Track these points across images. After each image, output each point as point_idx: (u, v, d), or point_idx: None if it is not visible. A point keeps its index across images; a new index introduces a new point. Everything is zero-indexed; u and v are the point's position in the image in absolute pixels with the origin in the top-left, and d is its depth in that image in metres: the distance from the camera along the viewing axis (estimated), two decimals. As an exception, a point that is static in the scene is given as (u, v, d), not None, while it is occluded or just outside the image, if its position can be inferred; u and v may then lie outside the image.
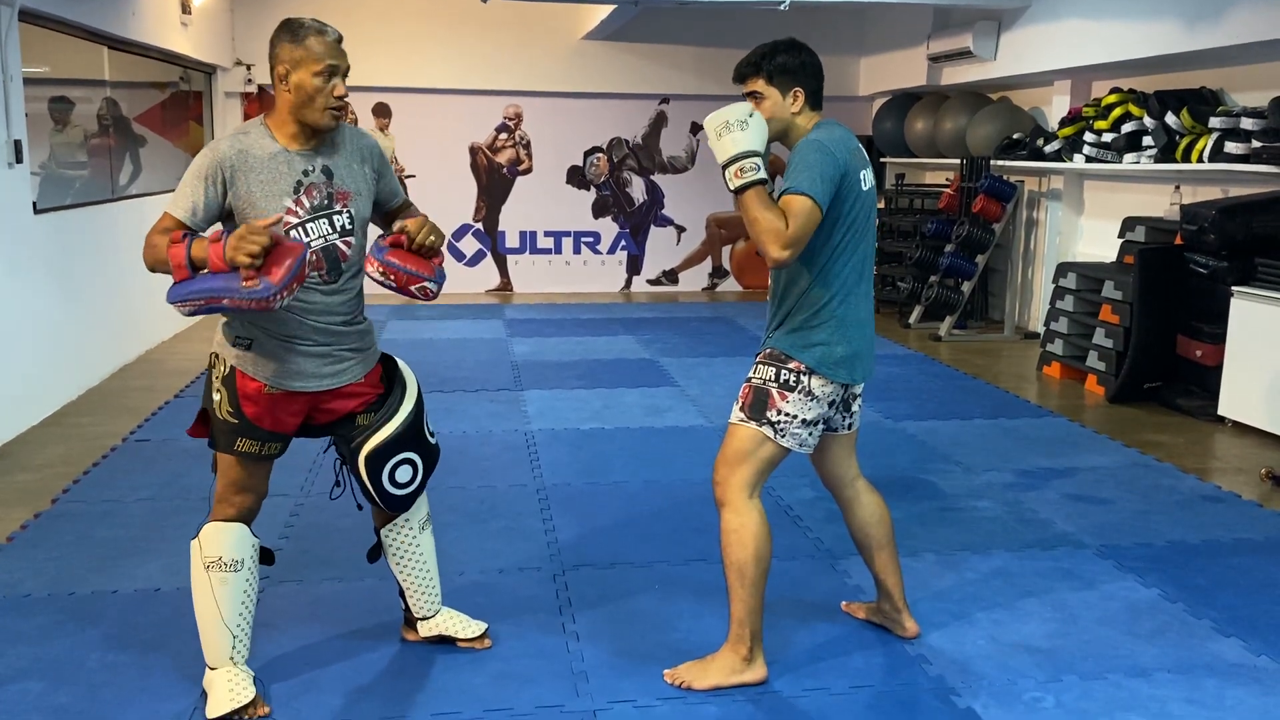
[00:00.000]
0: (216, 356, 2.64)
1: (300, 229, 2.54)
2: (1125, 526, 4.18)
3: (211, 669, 2.73)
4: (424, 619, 3.06)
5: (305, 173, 2.56)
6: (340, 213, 2.61)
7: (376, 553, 3.03)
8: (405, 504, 2.83)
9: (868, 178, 2.79)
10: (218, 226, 2.49)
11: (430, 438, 2.87)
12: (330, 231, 2.59)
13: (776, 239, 2.58)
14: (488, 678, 2.92)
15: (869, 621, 3.27)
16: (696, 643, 3.11)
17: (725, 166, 2.64)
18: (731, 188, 2.63)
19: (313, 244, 2.55)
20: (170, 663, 2.96)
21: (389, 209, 2.83)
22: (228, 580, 2.65)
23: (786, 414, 2.77)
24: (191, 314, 2.41)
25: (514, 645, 3.11)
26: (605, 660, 3.02)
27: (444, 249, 2.87)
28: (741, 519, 2.78)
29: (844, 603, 3.38)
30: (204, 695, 2.75)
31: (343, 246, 2.62)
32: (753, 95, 2.78)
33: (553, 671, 2.96)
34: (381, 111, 10.25)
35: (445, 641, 3.08)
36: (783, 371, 2.78)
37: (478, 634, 3.06)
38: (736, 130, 2.63)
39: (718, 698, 2.82)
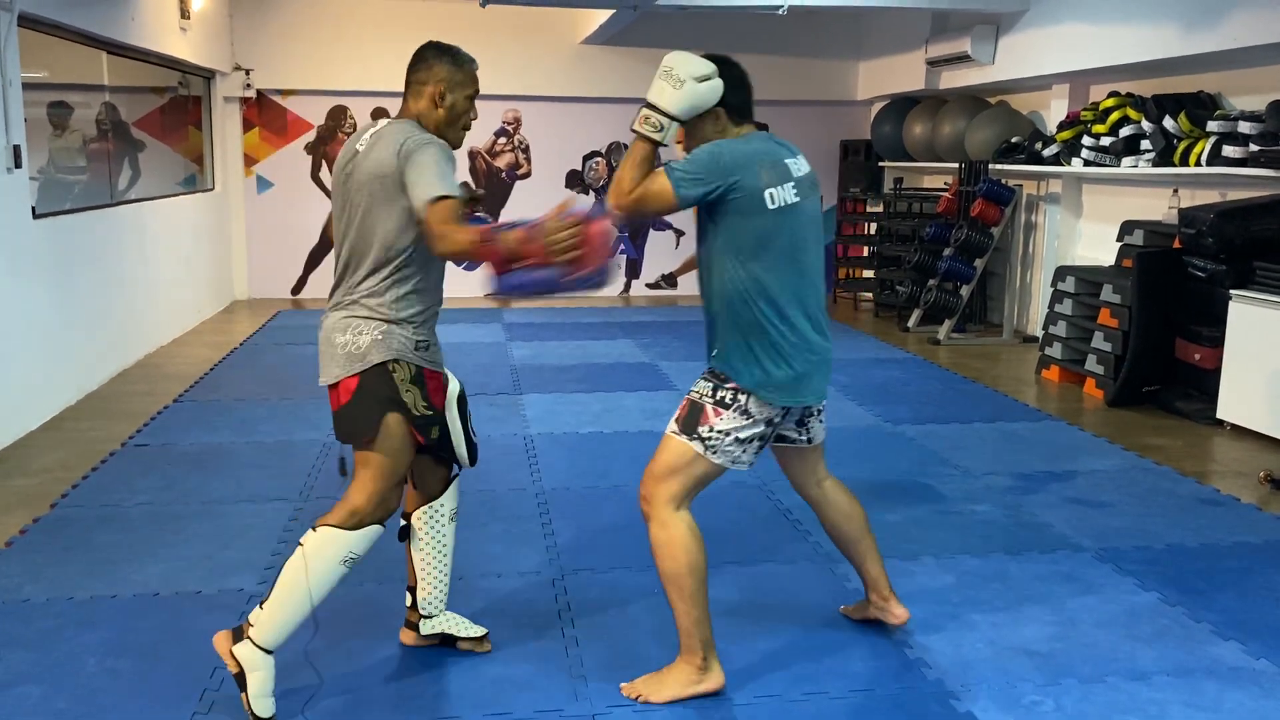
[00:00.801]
0: (396, 363, 2.67)
1: None
2: (1124, 530, 4.18)
3: (266, 651, 2.65)
4: (427, 617, 3.06)
5: None
6: None
7: (405, 534, 3.03)
8: (476, 455, 3.00)
9: (784, 196, 2.66)
10: (515, 225, 2.51)
11: None
12: None
13: (618, 193, 2.63)
14: (487, 682, 2.92)
15: (865, 619, 3.27)
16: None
17: (644, 107, 2.67)
18: (633, 128, 2.68)
19: None
20: (169, 668, 2.96)
21: None
22: (346, 576, 2.72)
23: (719, 431, 2.73)
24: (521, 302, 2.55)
25: (513, 649, 3.10)
26: (604, 664, 3.02)
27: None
28: (668, 532, 2.74)
29: (842, 606, 3.38)
30: (238, 675, 2.65)
31: None
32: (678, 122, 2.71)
33: (552, 676, 2.96)
34: (380, 115, 10.25)
35: (446, 643, 3.07)
36: (720, 389, 2.75)
37: (479, 635, 3.07)
38: (672, 86, 2.64)
39: (715, 703, 2.82)
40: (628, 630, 3.25)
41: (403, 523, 3.02)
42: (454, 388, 2.92)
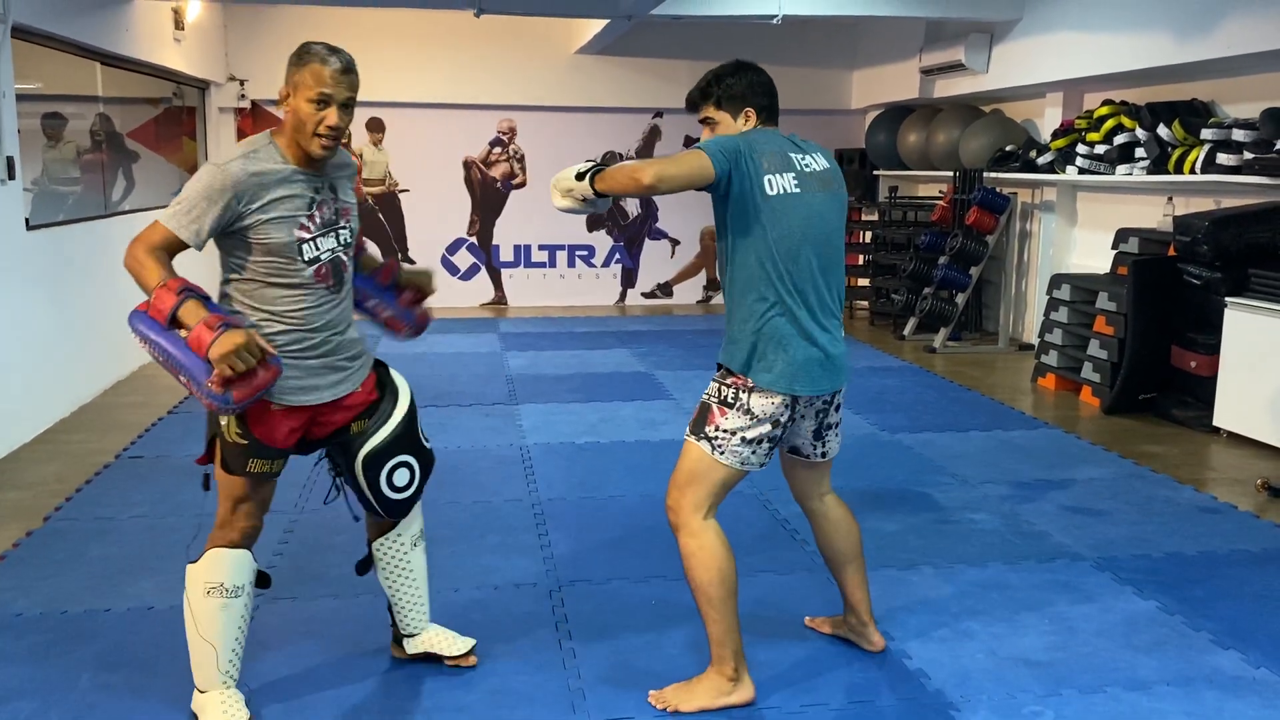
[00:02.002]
0: None
1: (313, 244, 2.58)
2: (1122, 538, 4.17)
3: (201, 692, 2.70)
4: (410, 636, 3.04)
5: (317, 190, 2.60)
6: (344, 228, 2.67)
7: (366, 566, 3.01)
8: (404, 509, 2.83)
9: (782, 184, 2.68)
10: (244, 301, 2.52)
11: (425, 442, 2.89)
12: (336, 245, 2.64)
13: (642, 170, 2.58)
14: (483, 694, 2.90)
15: (835, 636, 3.25)
16: (694, 659, 3.10)
17: (582, 190, 2.67)
18: (596, 192, 2.65)
19: (322, 258, 2.61)
20: (164, 682, 2.93)
21: None
22: (228, 605, 2.63)
23: (725, 430, 2.73)
24: (144, 348, 2.42)
25: (510, 662, 3.09)
26: (602, 676, 3.00)
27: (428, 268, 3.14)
28: (699, 540, 2.73)
29: (808, 618, 3.36)
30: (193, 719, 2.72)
31: (344, 258, 2.69)
32: (706, 121, 2.84)
33: (549, 688, 2.94)
34: (375, 126, 10.25)
35: (432, 659, 3.05)
36: (723, 387, 2.76)
37: (464, 651, 3.03)
38: (562, 174, 2.72)
39: (714, 715, 2.80)
40: (626, 641, 3.23)
41: (365, 554, 2.99)
42: (371, 443, 2.73)
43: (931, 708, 2.86)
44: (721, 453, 2.74)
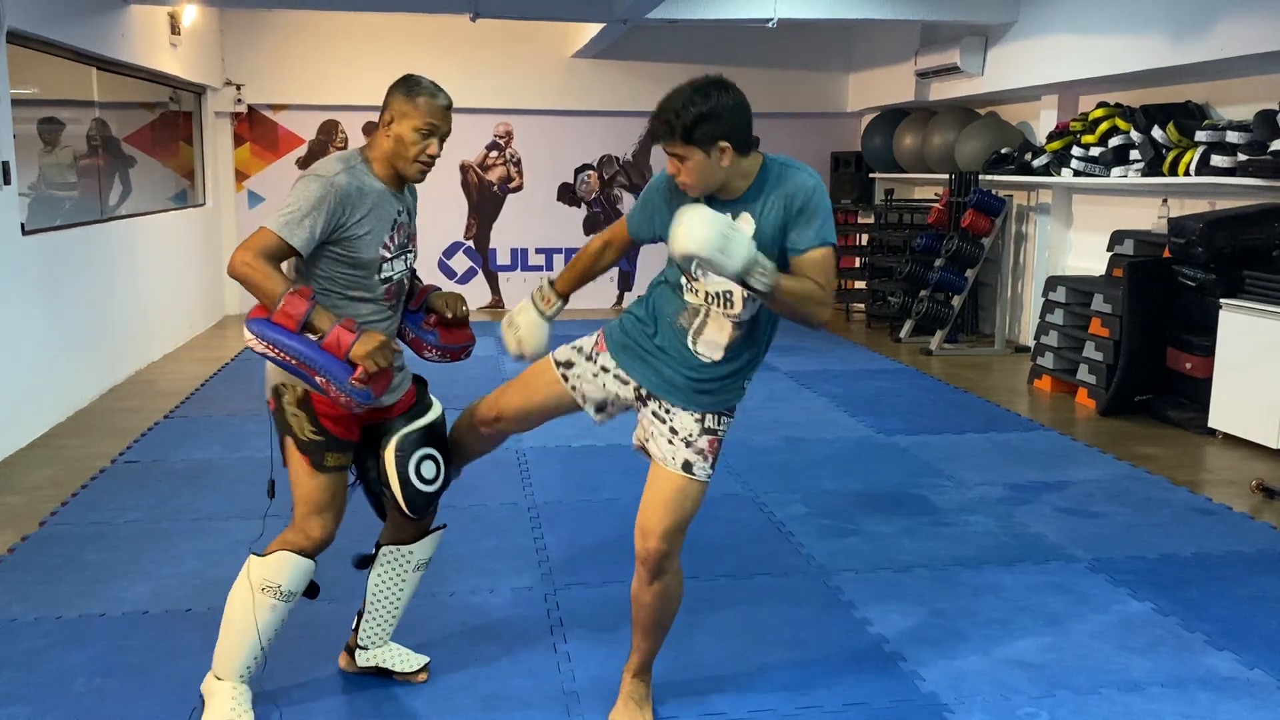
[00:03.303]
0: (284, 385, 2.65)
1: (390, 264, 2.68)
2: (1117, 540, 4.18)
3: (218, 679, 2.69)
4: (363, 649, 3.02)
5: (399, 213, 2.69)
6: (411, 251, 2.80)
7: (366, 562, 3.00)
8: (427, 505, 2.83)
9: None
10: (347, 317, 2.54)
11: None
12: (404, 269, 2.76)
13: (824, 304, 2.37)
14: (478, 698, 2.90)
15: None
16: (688, 661, 3.10)
17: (745, 275, 2.29)
18: (761, 289, 2.31)
19: (394, 278, 2.71)
20: (159, 687, 2.94)
21: None
22: (276, 609, 2.65)
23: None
24: (263, 355, 2.50)
25: (505, 665, 3.09)
26: (597, 680, 3.00)
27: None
28: (679, 577, 2.68)
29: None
30: (201, 701, 2.70)
31: (406, 282, 2.82)
32: (674, 156, 2.42)
33: (544, 692, 2.94)
34: (372, 130, 10.26)
35: (381, 674, 3.01)
36: (723, 417, 2.69)
37: (417, 668, 3.01)
38: (734, 235, 2.27)
39: (706, 715, 2.81)
40: (620, 646, 3.22)
41: (370, 551, 2.99)
42: (409, 429, 2.77)
43: (926, 709, 2.86)
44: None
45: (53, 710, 2.83)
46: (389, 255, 2.67)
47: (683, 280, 2.61)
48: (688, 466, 2.63)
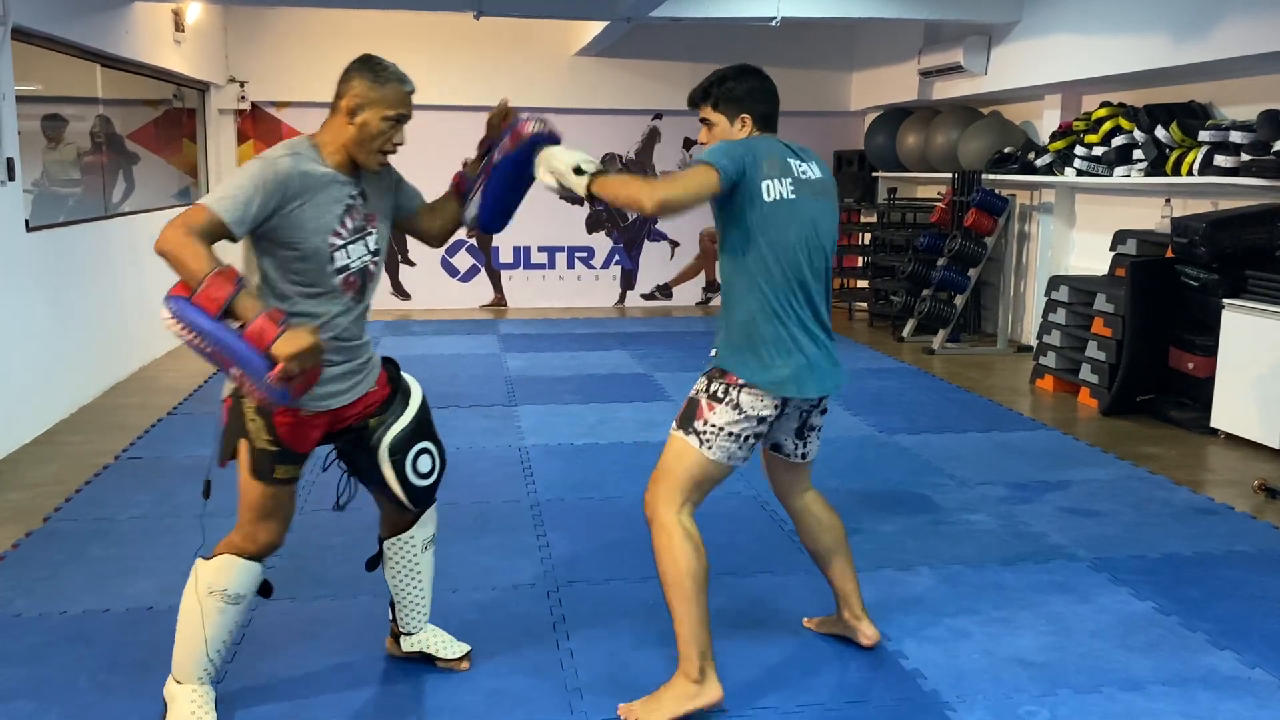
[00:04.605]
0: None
1: (344, 251, 2.59)
2: (1119, 539, 4.18)
3: (177, 682, 2.71)
4: (407, 634, 3.05)
5: (351, 196, 2.62)
6: (371, 234, 2.68)
7: (375, 562, 3.02)
8: (428, 497, 2.83)
9: (780, 189, 2.70)
10: (275, 305, 2.49)
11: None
12: (364, 253, 2.65)
13: (649, 190, 2.60)
14: (481, 695, 2.91)
15: (832, 635, 3.26)
16: (691, 659, 3.11)
17: (573, 184, 2.71)
18: (580, 193, 2.70)
19: (352, 265, 2.62)
20: (162, 682, 2.93)
21: (414, 211, 2.90)
22: (225, 611, 2.64)
23: (713, 425, 2.75)
24: (179, 337, 2.37)
25: (508, 662, 3.10)
26: (599, 677, 3.01)
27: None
28: (669, 535, 2.73)
29: (806, 619, 3.36)
30: (164, 707, 2.72)
31: (371, 267, 2.70)
32: (704, 121, 2.85)
33: (546, 689, 2.95)
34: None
35: (426, 660, 3.05)
36: (714, 383, 2.78)
37: (459, 655, 3.04)
38: (553, 159, 2.75)
39: (711, 715, 2.81)
40: (624, 642, 3.24)
41: (377, 550, 3.00)
42: (394, 430, 2.74)
43: (927, 707, 2.87)
44: (709, 447, 2.75)
45: (57, 705, 2.84)
46: (340, 242, 2.57)
47: None
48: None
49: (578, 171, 2.70)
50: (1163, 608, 3.53)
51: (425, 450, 2.78)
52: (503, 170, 2.77)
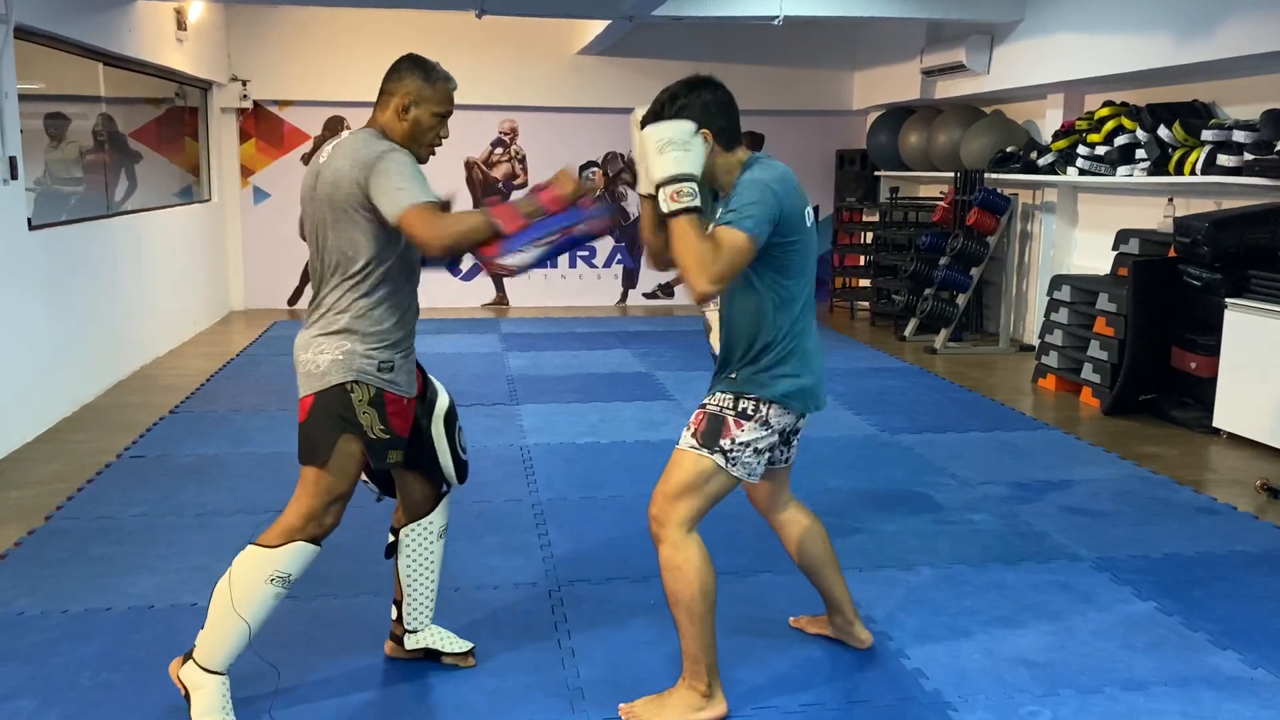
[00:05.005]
0: (355, 384, 2.63)
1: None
2: (1121, 539, 4.18)
3: (206, 670, 2.67)
4: (411, 632, 3.05)
5: None
6: None
7: (393, 550, 3.02)
8: (467, 473, 2.99)
9: (809, 215, 2.72)
10: (532, 185, 2.68)
11: None
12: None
13: (704, 271, 2.46)
14: (483, 694, 2.91)
15: (820, 635, 3.26)
16: (692, 658, 3.10)
17: (662, 185, 2.49)
18: (665, 209, 2.49)
19: (414, 257, 2.76)
20: (165, 680, 2.93)
21: None
22: (279, 597, 2.67)
23: (741, 443, 2.70)
24: (533, 265, 2.58)
25: (509, 661, 3.10)
26: (600, 677, 3.01)
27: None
28: (683, 554, 2.68)
29: (792, 618, 3.36)
30: (186, 697, 2.68)
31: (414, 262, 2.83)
32: None
33: (547, 688, 2.95)
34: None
35: (430, 657, 3.06)
36: (742, 399, 2.71)
37: (464, 650, 3.05)
38: (679, 150, 2.49)
39: (714, 713, 2.81)
40: (625, 642, 3.24)
41: (390, 539, 3.01)
42: (442, 403, 2.91)
43: (929, 707, 2.87)
44: (735, 464, 2.71)
45: (59, 704, 2.84)
46: None
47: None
48: (681, 437, 2.76)
49: (671, 181, 2.48)
50: (1165, 608, 3.52)
51: (461, 428, 2.97)
52: (562, 246, 2.68)
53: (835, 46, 10.75)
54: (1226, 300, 5.64)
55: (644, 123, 2.62)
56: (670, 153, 2.49)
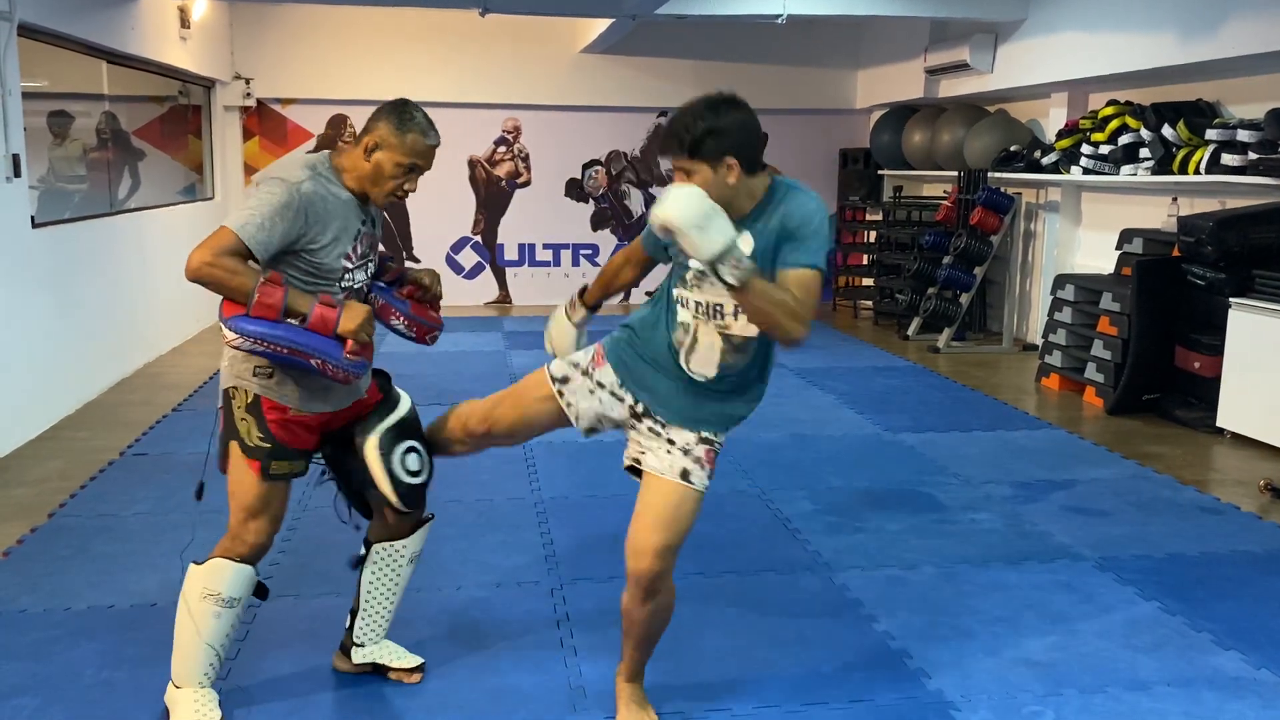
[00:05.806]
0: (235, 389, 2.63)
1: (352, 275, 2.64)
2: (1124, 539, 4.17)
3: (176, 687, 2.71)
4: (359, 646, 3.00)
5: (363, 222, 2.66)
6: (373, 261, 2.75)
7: (361, 562, 2.99)
8: (418, 498, 2.79)
9: None
10: (322, 293, 2.52)
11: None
12: (366, 277, 2.72)
13: (797, 320, 2.31)
14: (484, 693, 2.91)
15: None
16: (694, 658, 3.11)
17: (717, 261, 2.23)
18: (733, 281, 2.25)
19: (354, 286, 2.67)
20: (167, 678, 2.93)
21: None
22: (221, 614, 2.64)
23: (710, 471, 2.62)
24: (253, 350, 2.45)
25: (511, 660, 3.09)
26: (603, 675, 3.00)
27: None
28: (672, 596, 2.64)
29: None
30: (165, 713, 2.73)
31: (367, 289, 2.78)
32: (681, 171, 2.40)
33: (550, 687, 2.95)
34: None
35: (378, 671, 2.99)
36: (721, 435, 2.63)
37: (412, 665, 2.99)
38: (717, 218, 2.23)
39: (713, 712, 2.81)
40: (626, 640, 3.23)
41: (362, 551, 2.96)
42: (389, 420, 2.74)
43: (932, 707, 2.86)
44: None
45: (61, 701, 2.84)
46: (351, 266, 2.62)
47: (677, 293, 2.56)
48: (685, 475, 2.54)
49: (725, 255, 2.23)
50: (1168, 608, 3.52)
51: (413, 449, 2.76)
52: (284, 358, 2.50)
53: (839, 45, 10.74)
54: (1230, 300, 5.63)
55: (664, 150, 2.45)
56: (712, 225, 2.22)
